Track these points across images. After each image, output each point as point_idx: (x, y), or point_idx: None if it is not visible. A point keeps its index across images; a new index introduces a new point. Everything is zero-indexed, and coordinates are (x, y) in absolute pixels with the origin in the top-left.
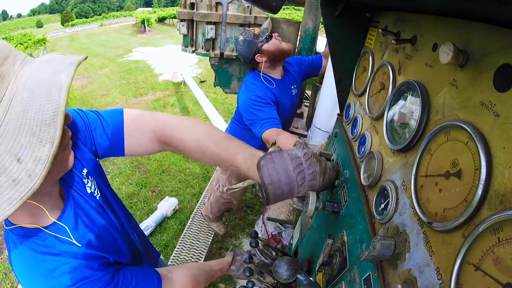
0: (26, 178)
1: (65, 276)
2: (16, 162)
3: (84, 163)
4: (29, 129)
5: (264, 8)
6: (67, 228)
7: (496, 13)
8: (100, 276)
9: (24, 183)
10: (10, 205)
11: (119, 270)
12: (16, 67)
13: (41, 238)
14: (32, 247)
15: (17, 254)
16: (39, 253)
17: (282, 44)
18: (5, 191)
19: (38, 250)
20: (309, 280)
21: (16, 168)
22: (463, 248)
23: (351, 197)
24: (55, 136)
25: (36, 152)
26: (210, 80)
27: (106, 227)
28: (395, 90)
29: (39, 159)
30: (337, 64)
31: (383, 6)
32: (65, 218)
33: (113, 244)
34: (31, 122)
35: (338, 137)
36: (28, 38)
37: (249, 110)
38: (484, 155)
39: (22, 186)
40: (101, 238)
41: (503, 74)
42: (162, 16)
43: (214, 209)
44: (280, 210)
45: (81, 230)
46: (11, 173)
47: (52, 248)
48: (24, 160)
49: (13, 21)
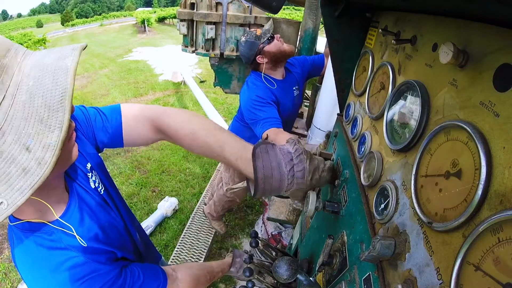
0: (36, 166)
1: (73, 270)
2: (25, 151)
3: (88, 157)
4: (37, 116)
5: (264, 8)
6: (71, 226)
7: (496, 13)
8: (108, 270)
9: (34, 171)
10: (21, 195)
11: (127, 266)
12: (19, 59)
13: (47, 232)
14: (38, 241)
15: (23, 250)
16: (46, 248)
17: (284, 46)
18: (16, 181)
19: (44, 244)
20: (309, 280)
21: (26, 157)
22: (463, 248)
23: (351, 197)
24: (64, 120)
25: (45, 139)
26: (210, 80)
27: (111, 221)
28: (395, 90)
29: (48, 145)
30: (337, 64)
31: (383, 6)
32: (70, 213)
33: (118, 238)
34: (38, 109)
35: (338, 137)
36: (28, 38)
37: (250, 110)
38: (484, 155)
39: (32, 175)
40: (106, 232)
41: (503, 74)
42: (162, 16)
43: (218, 207)
44: (280, 210)
45: (87, 224)
46: (20, 163)
47: (59, 242)
48: (33, 148)
49: (13, 21)
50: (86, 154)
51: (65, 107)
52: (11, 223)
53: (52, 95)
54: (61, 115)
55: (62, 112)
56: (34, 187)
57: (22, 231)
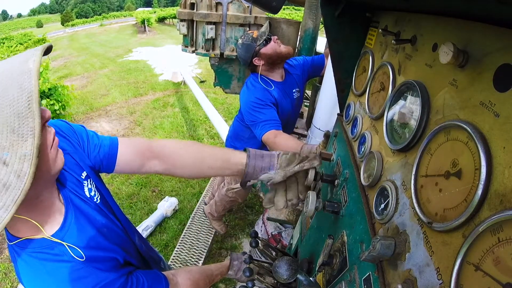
0: (15, 180)
1: (80, 282)
2: (3, 166)
3: (83, 166)
4: (8, 127)
5: (264, 8)
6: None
7: (496, 13)
8: (114, 278)
9: (15, 185)
10: (6, 211)
11: (132, 273)
12: None
13: (49, 247)
14: (42, 257)
15: (27, 268)
16: (51, 262)
17: (281, 48)
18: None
19: (48, 259)
20: (309, 280)
21: (4, 172)
22: (463, 248)
23: (351, 197)
24: (35, 126)
25: (20, 150)
26: (210, 80)
27: (110, 225)
28: (395, 90)
29: (24, 156)
30: (337, 64)
31: (383, 6)
32: (68, 224)
33: (120, 240)
34: (8, 119)
35: (338, 137)
36: (28, 38)
37: (249, 112)
38: (484, 155)
39: (14, 189)
40: (107, 237)
41: (503, 74)
42: (162, 16)
43: (219, 207)
44: (280, 210)
45: (86, 233)
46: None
47: (62, 255)
48: (10, 161)
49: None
50: (81, 162)
51: (33, 111)
52: (10, 243)
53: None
54: (31, 121)
55: (32, 117)
56: (17, 202)
57: (23, 249)
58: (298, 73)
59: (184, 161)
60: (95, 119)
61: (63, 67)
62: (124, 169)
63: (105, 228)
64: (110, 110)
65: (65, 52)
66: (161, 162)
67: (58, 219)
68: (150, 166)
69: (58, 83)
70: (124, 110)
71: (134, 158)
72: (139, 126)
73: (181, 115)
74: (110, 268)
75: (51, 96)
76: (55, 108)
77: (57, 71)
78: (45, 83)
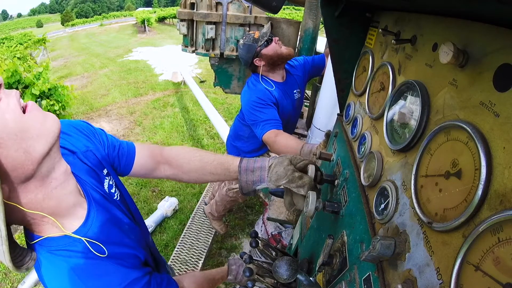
0: None
1: (106, 278)
2: None
3: (105, 163)
4: None
5: (264, 8)
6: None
7: (496, 13)
8: (138, 277)
9: None
10: None
11: (151, 273)
12: None
13: (72, 245)
14: (65, 254)
15: (51, 267)
16: (75, 258)
17: (282, 49)
18: None
19: (73, 256)
20: (309, 280)
21: None
22: (463, 248)
23: (351, 197)
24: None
25: None
26: (210, 80)
27: (129, 223)
28: (395, 90)
29: None
30: (337, 64)
31: (383, 6)
32: (91, 220)
33: (139, 238)
34: None
35: (338, 137)
36: (28, 38)
37: (250, 112)
38: (484, 155)
39: None
40: (127, 234)
41: (503, 74)
42: (162, 16)
43: (220, 207)
44: (280, 210)
45: (109, 230)
46: None
47: (88, 252)
48: None
49: (13, 21)
50: (103, 161)
51: None
52: (31, 242)
53: None
54: None
55: None
56: None
57: (45, 248)
58: (299, 74)
59: (190, 167)
60: (95, 119)
61: (63, 67)
62: (139, 172)
63: (126, 226)
64: (110, 110)
65: (65, 52)
66: (171, 167)
67: (81, 213)
68: (161, 170)
69: (58, 83)
70: (124, 110)
71: (148, 160)
72: (139, 126)
73: (181, 115)
74: (133, 266)
75: (51, 96)
76: (55, 108)
77: (57, 71)
78: (45, 83)
